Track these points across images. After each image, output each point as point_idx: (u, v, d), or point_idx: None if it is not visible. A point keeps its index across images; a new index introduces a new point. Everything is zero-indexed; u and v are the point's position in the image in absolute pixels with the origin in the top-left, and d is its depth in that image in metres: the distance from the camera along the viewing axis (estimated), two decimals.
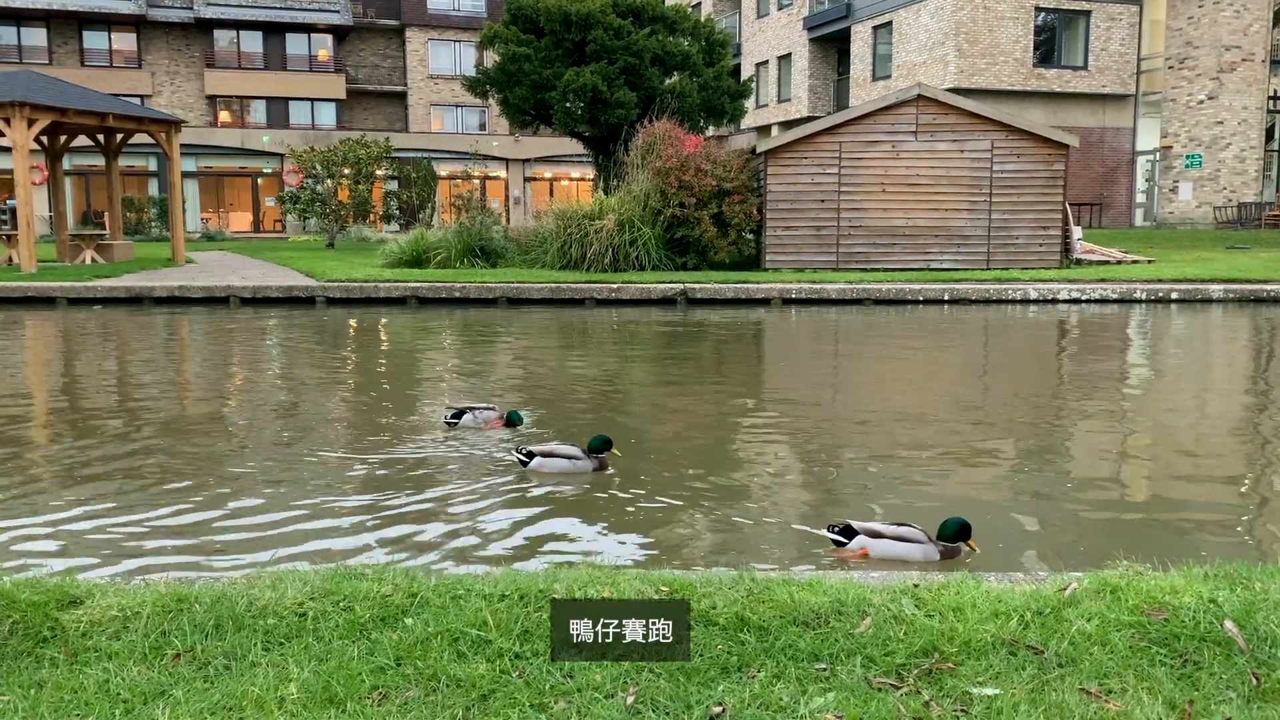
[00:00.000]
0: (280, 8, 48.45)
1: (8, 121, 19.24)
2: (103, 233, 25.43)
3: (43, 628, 3.05)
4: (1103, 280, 17.54)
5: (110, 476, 6.03)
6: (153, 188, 43.39)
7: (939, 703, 2.60)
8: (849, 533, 4.49)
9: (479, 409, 7.14)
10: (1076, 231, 20.70)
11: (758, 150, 20.14)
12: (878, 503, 5.53)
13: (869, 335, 13.74)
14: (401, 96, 52.28)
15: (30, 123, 19.56)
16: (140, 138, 24.60)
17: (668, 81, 27.14)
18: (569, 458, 5.88)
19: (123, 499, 5.53)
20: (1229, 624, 2.97)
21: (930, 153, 19.58)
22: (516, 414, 7.14)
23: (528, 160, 48.12)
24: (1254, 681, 2.70)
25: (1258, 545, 4.77)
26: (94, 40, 47.17)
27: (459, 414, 7.11)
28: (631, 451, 6.37)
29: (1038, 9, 33.56)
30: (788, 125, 40.46)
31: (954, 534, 4.47)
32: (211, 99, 48.75)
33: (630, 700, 2.60)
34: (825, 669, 2.78)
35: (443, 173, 45.79)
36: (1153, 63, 34.58)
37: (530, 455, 5.93)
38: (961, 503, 5.50)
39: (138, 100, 44.54)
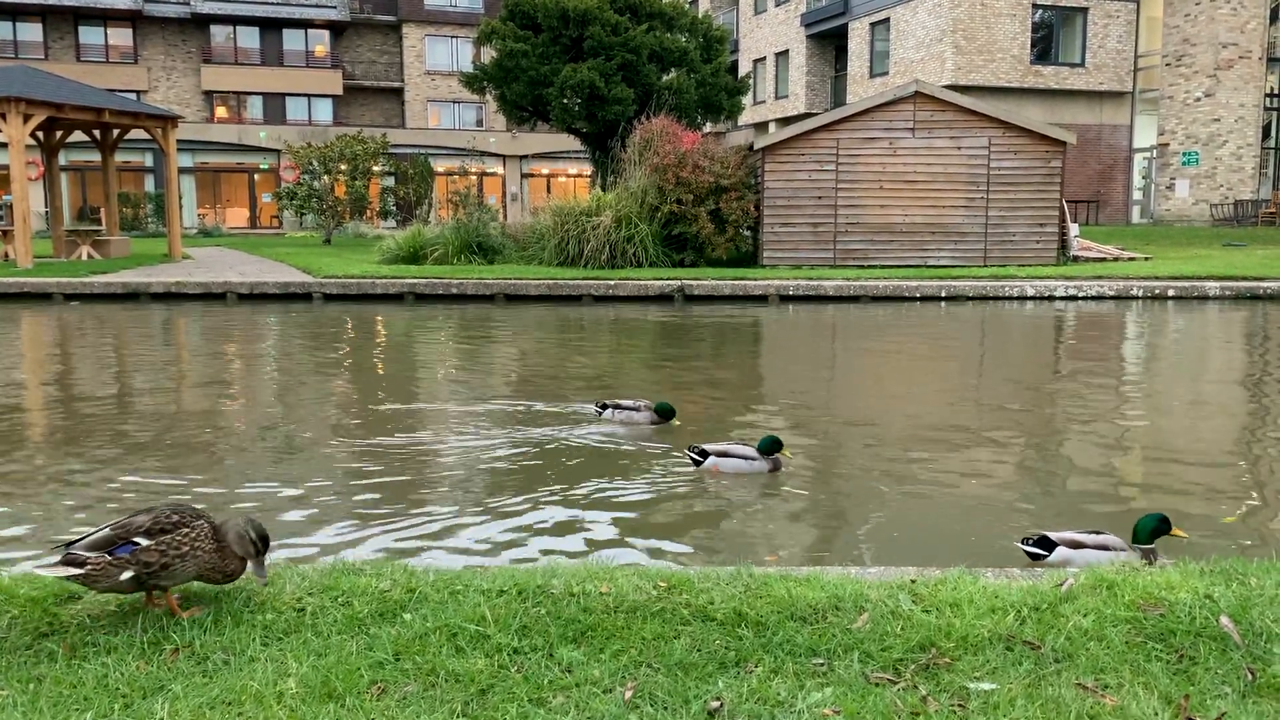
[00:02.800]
0: (277, 3, 48.38)
1: (3, 117, 19.19)
2: (99, 228, 25.38)
3: (42, 623, 3.06)
4: (1099, 277, 17.56)
5: (112, 469, 6.03)
6: (149, 183, 43.31)
7: (936, 698, 2.61)
8: (1046, 544, 4.27)
9: (625, 404, 7.11)
10: (1073, 229, 20.72)
11: (755, 147, 20.14)
12: (879, 502, 5.54)
13: (866, 331, 13.75)
14: (398, 92, 52.21)
15: (26, 118, 19.52)
16: (137, 133, 24.56)
17: (665, 78, 27.11)
18: (745, 458, 5.85)
19: (121, 491, 5.53)
20: (1224, 619, 2.99)
21: (927, 149, 19.59)
22: (666, 405, 7.09)
23: (525, 156, 48.09)
24: (1249, 676, 2.72)
25: (1253, 541, 4.78)
26: (90, 35, 47.07)
27: (606, 407, 7.11)
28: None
29: (1035, 6, 33.56)
30: (785, 122, 40.45)
31: (1150, 536, 4.25)
32: (208, 94, 48.66)
33: (628, 695, 2.60)
34: (823, 664, 2.79)
35: (440, 169, 45.74)
36: (1150, 60, 34.60)
37: (704, 454, 5.89)
38: (963, 502, 5.52)
39: (134, 96, 44.45)
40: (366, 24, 51.37)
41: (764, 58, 44.83)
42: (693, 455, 5.93)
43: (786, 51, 43.06)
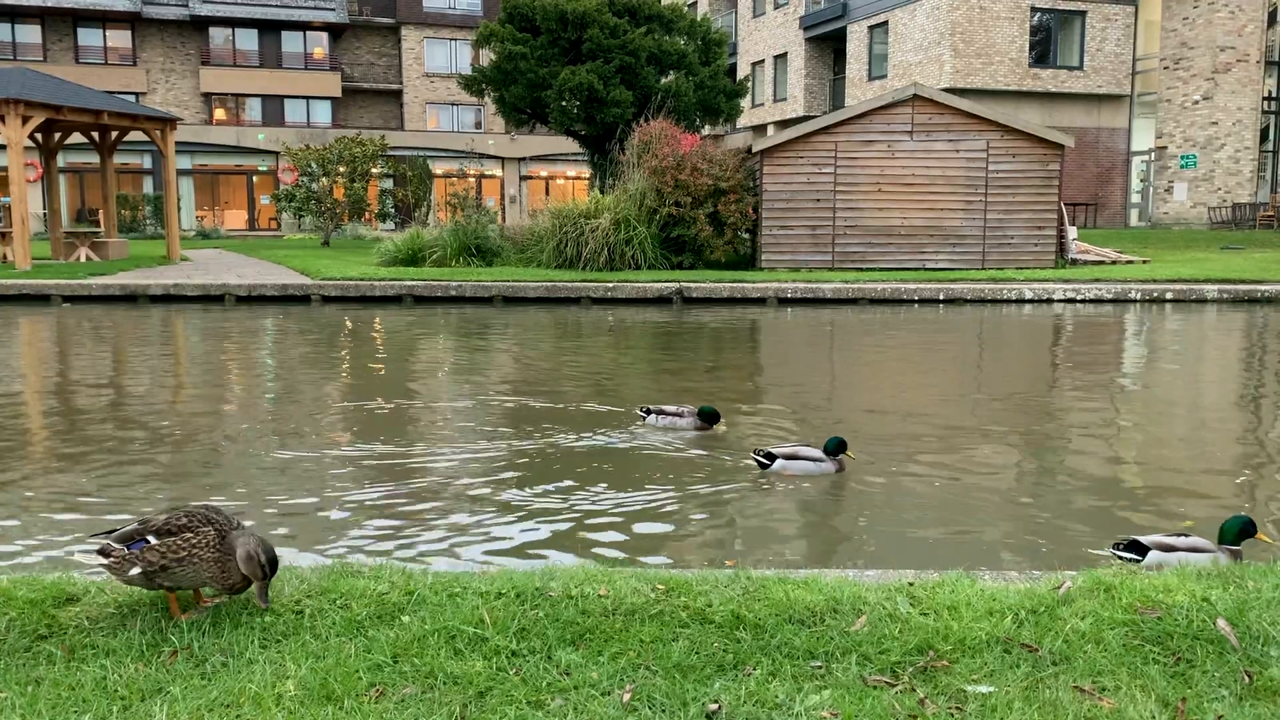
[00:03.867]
0: (276, 5, 48.38)
1: (2, 119, 19.19)
2: (97, 230, 25.37)
3: (40, 625, 3.06)
4: (1097, 280, 17.58)
5: (108, 473, 6.03)
6: (148, 185, 43.31)
7: (934, 700, 2.62)
8: (1138, 548, 4.25)
9: (668, 410, 7.10)
10: (1071, 231, 20.75)
11: (754, 150, 20.16)
12: (879, 502, 5.54)
13: (864, 334, 13.75)
14: (397, 95, 52.22)
15: (25, 120, 19.52)
16: (135, 135, 24.56)
17: (664, 80, 27.14)
18: (813, 460, 5.86)
19: (120, 493, 5.53)
20: (1222, 622, 2.99)
21: (926, 152, 19.61)
22: (710, 408, 7.09)
23: (523, 159, 48.11)
24: (1246, 679, 2.72)
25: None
26: (89, 37, 47.07)
27: (650, 412, 7.11)
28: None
29: (1033, 9, 33.61)
30: (784, 125, 40.49)
31: (1236, 537, 4.27)
32: (206, 96, 48.66)
33: (626, 697, 2.61)
34: (821, 667, 2.79)
35: (438, 171, 45.76)
36: (1148, 63, 34.66)
37: (771, 458, 5.88)
38: (960, 500, 5.52)
39: (132, 98, 44.45)
40: (365, 26, 51.39)
41: (762, 60, 44.87)
42: (759, 459, 5.92)
43: (785, 54, 43.10)
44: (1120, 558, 4.22)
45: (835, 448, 5.88)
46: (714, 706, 2.57)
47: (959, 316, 15.26)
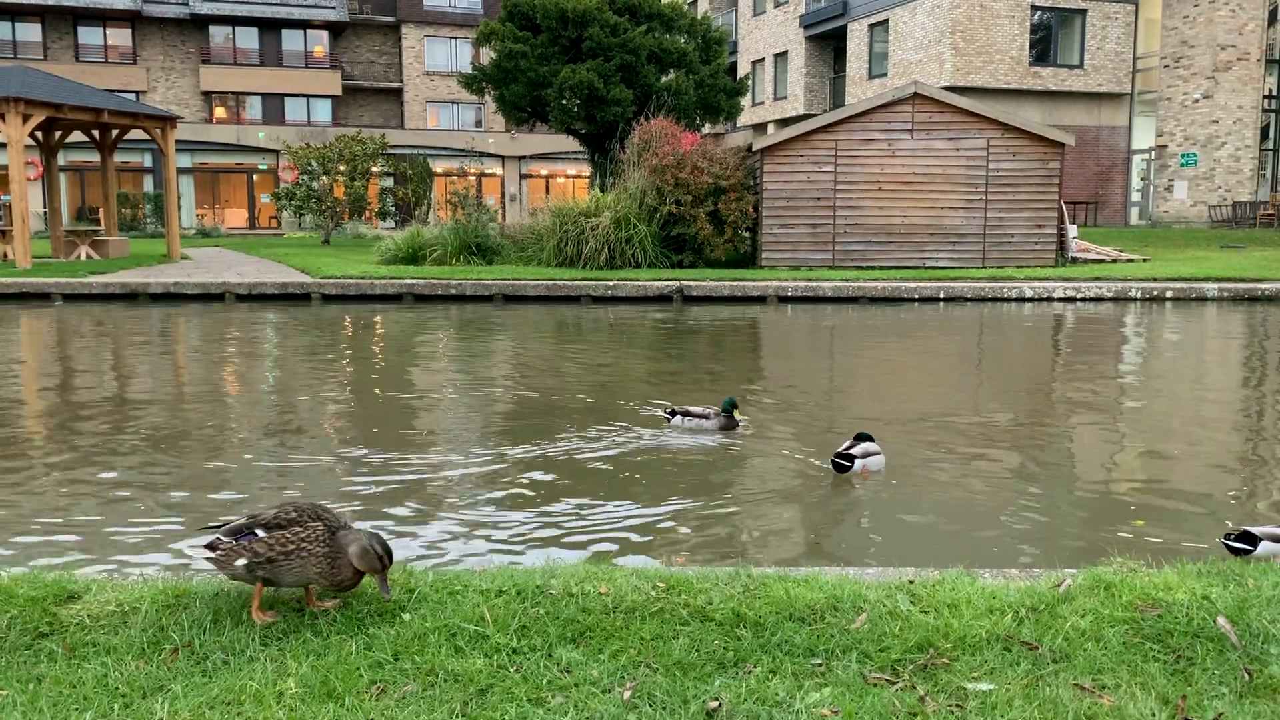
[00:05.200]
0: (276, 4, 48.37)
1: (2, 117, 19.18)
2: (98, 229, 25.38)
3: (41, 623, 3.06)
4: (1098, 279, 17.58)
5: (107, 471, 6.03)
6: (148, 184, 43.31)
7: (934, 698, 2.62)
8: (1249, 539, 4.22)
9: (694, 411, 7.11)
10: (1071, 230, 20.75)
11: (754, 148, 20.15)
12: (877, 502, 5.54)
13: (864, 333, 13.75)
14: (397, 93, 52.21)
15: (25, 118, 19.51)
16: (135, 134, 24.54)
17: (664, 79, 27.13)
18: (880, 454, 5.92)
19: (123, 493, 5.53)
20: (1222, 620, 2.99)
21: (926, 151, 19.61)
22: (731, 400, 7.14)
23: (524, 157, 48.10)
24: (1246, 677, 2.72)
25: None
26: (89, 36, 47.06)
27: (675, 414, 7.13)
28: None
29: (1034, 7, 33.59)
30: (784, 123, 40.47)
31: None
32: (207, 95, 48.66)
33: (627, 695, 2.61)
34: (821, 664, 2.79)
35: (439, 169, 45.76)
36: (1148, 61, 34.63)
37: (848, 458, 5.82)
38: (958, 502, 5.53)
39: (133, 96, 44.44)
40: (365, 25, 51.37)
41: (763, 59, 44.85)
42: (838, 462, 5.82)
43: (785, 53, 43.08)
44: (1231, 549, 4.19)
45: (862, 438, 5.91)
46: (714, 704, 2.58)
47: (959, 315, 15.26)
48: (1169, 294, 16.80)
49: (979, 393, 9.39)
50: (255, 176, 45.56)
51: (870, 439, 5.92)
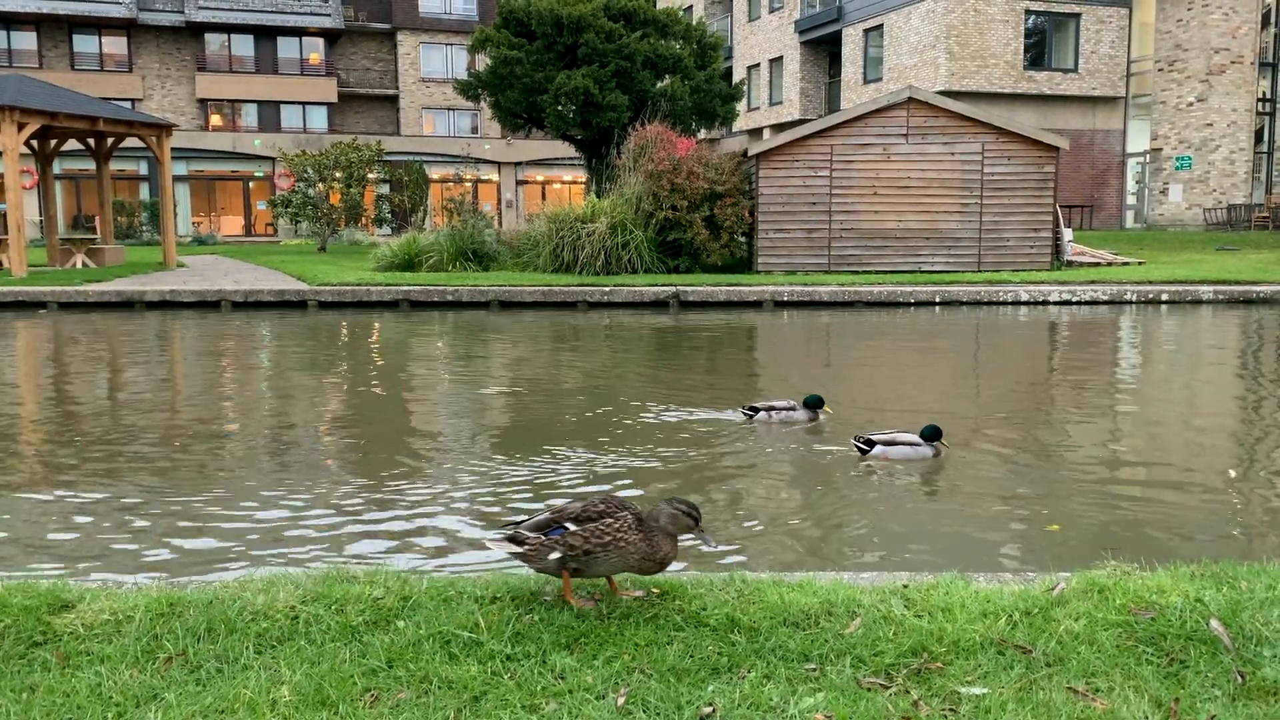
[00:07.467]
0: (271, 11, 48.42)
1: None
2: (93, 237, 25.37)
3: (35, 632, 3.05)
4: (1093, 282, 17.61)
5: (103, 480, 6.03)
6: (144, 192, 43.32)
7: (927, 702, 2.62)
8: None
9: (779, 405, 7.21)
10: (1067, 233, 20.79)
11: (749, 153, 20.19)
12: (875, 504, 5.55)
13: (861, 337, 13.77)
14: (393, 100, 52.26)
15: (20, 126, 19.52)
16: (131, 142, 24.57)
17: (659, 84, 27.18)
18: (911, 444, 6.10)
19: (120, 501, 5.53)
20: (1215, 623, 3.00)
21: (921, 155, 19.65)
22: (815, 397, 7.26)
23: (520, 163, 48.15)
24: (1239, 680, 2.73)
25: (1244, 544, 4.80)
26: (84, 44, 47.10)
27: (755, 410, 7.23)
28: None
29: (1028, 12, 33.70)
30: (779, 128, 40.53)
31: None
32: (203, 103, 48.68)
33: (621, 701, 2.61)
34: (815, 669, 2.80)
35: (435, 176, 45.80)
36: (1142, 65, 34.75)
37: (870, 444, 6.13)
38: (956, 501, 5.53)
39: (128, 104, 44.47)
40: (361, 31, 51.44)
41: (758, 64, 44.93)
42: (859, 445, 6.18)
43: (780, 58, 43.17)
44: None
45: (931, 434, 6.19)
46: (708, 710, 2.58)
47: (955, 319, 15.28)
48: (1164, 297, 16.83)
49: (975, 396, 9.41)
50: (251, 184, 45.58)
51: (935, 432, 6.17)
